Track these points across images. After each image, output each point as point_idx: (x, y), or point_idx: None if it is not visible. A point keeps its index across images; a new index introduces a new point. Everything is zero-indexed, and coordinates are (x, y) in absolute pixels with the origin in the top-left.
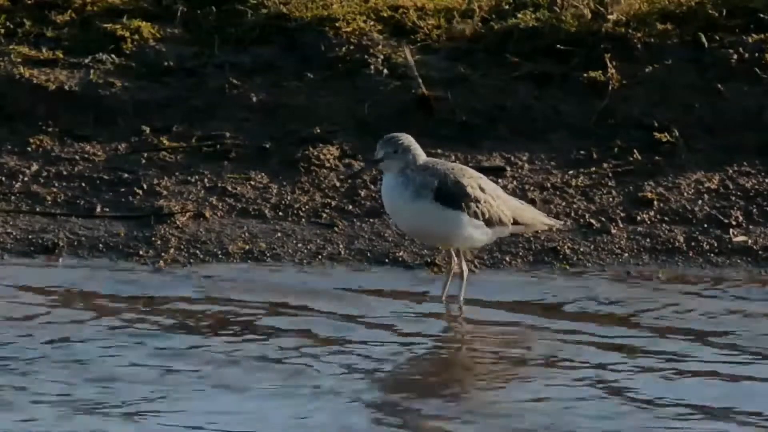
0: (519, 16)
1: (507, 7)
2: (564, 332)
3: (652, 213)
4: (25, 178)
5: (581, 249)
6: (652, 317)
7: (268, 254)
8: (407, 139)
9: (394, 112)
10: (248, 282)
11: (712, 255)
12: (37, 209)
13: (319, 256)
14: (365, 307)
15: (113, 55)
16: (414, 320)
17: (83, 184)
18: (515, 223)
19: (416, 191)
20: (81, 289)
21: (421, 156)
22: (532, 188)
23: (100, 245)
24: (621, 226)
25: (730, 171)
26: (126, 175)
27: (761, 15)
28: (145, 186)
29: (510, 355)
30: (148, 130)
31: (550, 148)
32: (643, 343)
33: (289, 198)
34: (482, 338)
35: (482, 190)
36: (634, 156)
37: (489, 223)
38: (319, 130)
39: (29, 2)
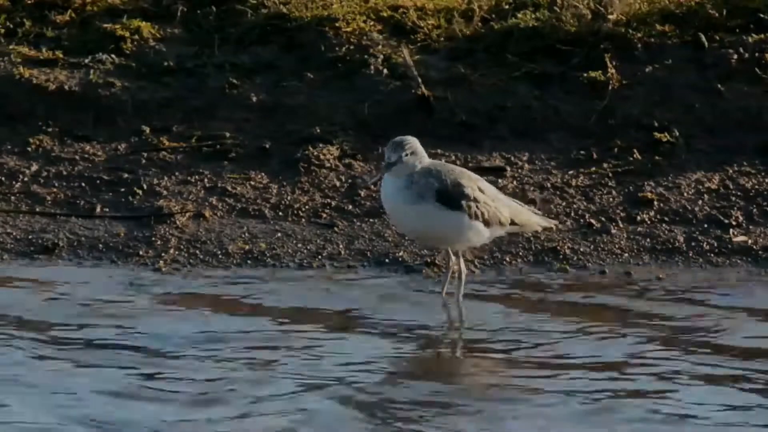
0: (519, 16)
1: (507, 7)
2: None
3: (652, 213)
4: (25, 178)
5: (581, 249)
6: None
7: (268, 254)
8: (415, 141)
9: (394, 112)
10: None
11: (712, 255)
12: (37, 209)
13: (319, 256)
14: (364, 306)
15: (113, 55)
16: (413, 320)
17: (83, 184)
18: (512, 223)
19: (419, 193)
20: None
21: (425, 158)
22: (532, 188)
23: (100, 245)
24: (621, 226)
25: (730, 171)
26: (126, 175)
27: (761, 15)
28: (145, 186)
29: (509, 354)
30: (148, 130)
31: (550, 148)
32: None
33: (289, 198)
34: (481, 337)
35: (481, 191)
36: (634, 156)
37: (487, 223)
38: (319, 130)
39: (29, 2)
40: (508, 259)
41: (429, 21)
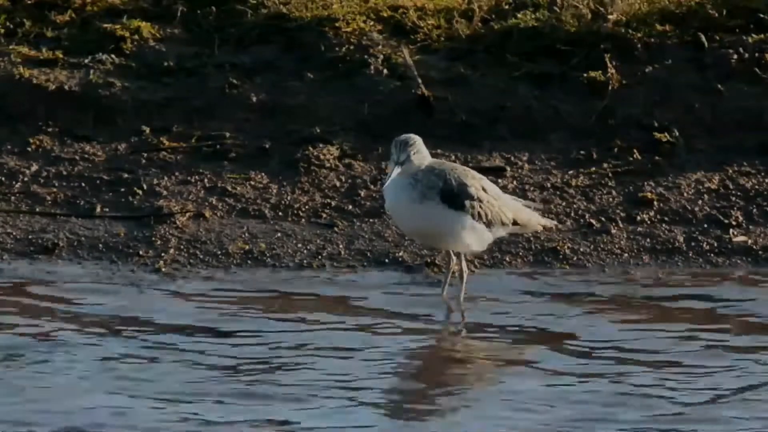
0: (519, 16)
1: (507, 7)
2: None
3: (652, 213)
4: (25, 178)
5: (581, 249)
6: None
7: (267, 254)
8: (419, 139)
9: (394, 112)
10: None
11: (712, 255)
12: (37, 209)
13: (319, 256)
14: (365, 307)
15: (113, 55)
16: (413, 320)
17: (83, 184)
18: (514, 223)
19: (423, 192)
20: None
21: (427, 157)
22: (532, 188)
23: (100, 245)
24: (621, 226)
25: (730, 171)
26: (126, 175)
27: (761, 15)
28: (145, 186)
29: (509, 357)
30: (148, 130)
31: (550, 148)
32: None
33: (289, 198)
34: (482, 338)
35: (484, 191)
36: (634, 156)
37: (490, 224)
38: (319, 130)
39: (29, 2)
40: (508, 259)
41: (429, 21)
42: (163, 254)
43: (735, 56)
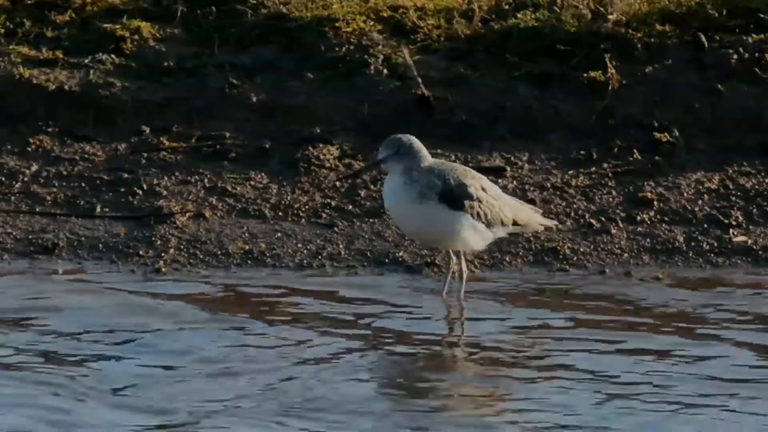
0: (519, 16)
1: (507, 7)
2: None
3: (652, 213)
4: (25, 178)
5: (581, 249)
6: None
7: (268, 254)
8: (410, 139)
9: (394, 112)
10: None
11: (712, 255)
12: (37, 209)
13: (319, 256)
14: (364, 307)
15: (113, 55)
16: (413, 320)
17: (83, 184)
18: (514, 223)
19: (421, 192)
20: None
21: (427, 158)
22: (532, 188)
23: (100, 245)
24: (621, 226)
25: (730, 171)
26: (126, 175)
27: (761, 15)
28: (145, 186)
29: (509, 357)
30: (148, 130)
31: (550, 148)
32: None
33: (289, 198)
34: (482, 337)
35: (484, 191)
36: (634, 156)
37: (490, 224)
38: (319, 130)
39: (29, 2)
40: (508, 259)
41: (429, 21)
42: (163, 254)
43: (735, 56)
